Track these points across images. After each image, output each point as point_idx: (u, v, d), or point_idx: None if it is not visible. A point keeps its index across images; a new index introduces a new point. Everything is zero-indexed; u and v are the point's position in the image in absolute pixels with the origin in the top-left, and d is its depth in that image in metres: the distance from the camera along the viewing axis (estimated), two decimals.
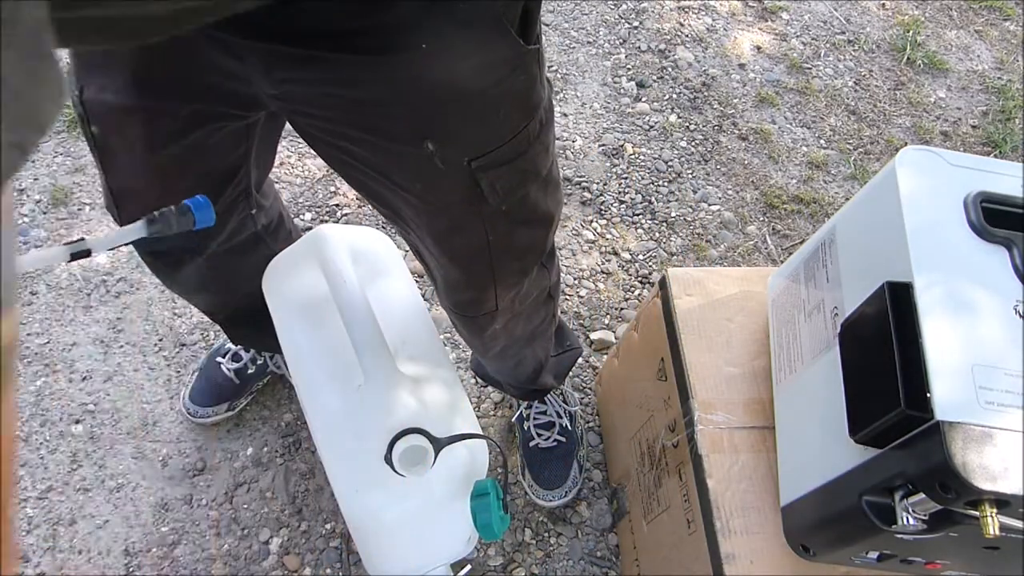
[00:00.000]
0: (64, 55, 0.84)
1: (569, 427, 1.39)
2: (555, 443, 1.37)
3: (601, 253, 1.71)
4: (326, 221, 1.70)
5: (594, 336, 1.58)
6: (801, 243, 1.48)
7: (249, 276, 1.02)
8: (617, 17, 2.18)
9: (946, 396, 0.66)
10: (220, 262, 1.04)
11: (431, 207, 0.81)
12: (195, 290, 1.17)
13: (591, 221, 1.76)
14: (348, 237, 0.96)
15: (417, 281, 1.06)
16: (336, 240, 0.93)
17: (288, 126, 0.88)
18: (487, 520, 0.82)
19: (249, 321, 1.21)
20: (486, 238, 0.86)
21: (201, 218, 0.71)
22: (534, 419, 1.38)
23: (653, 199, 1.81)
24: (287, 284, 0.97)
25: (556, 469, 1.37)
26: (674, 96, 2.02)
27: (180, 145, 0.83)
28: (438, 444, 0.80)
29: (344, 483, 0.85)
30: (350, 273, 0.89)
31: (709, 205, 1.82)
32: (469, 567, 1.03)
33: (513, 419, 1.43)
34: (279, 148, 1.06)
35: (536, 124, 0.79)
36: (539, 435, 1.37)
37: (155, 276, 1.09)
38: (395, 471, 0.78)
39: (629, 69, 2.06)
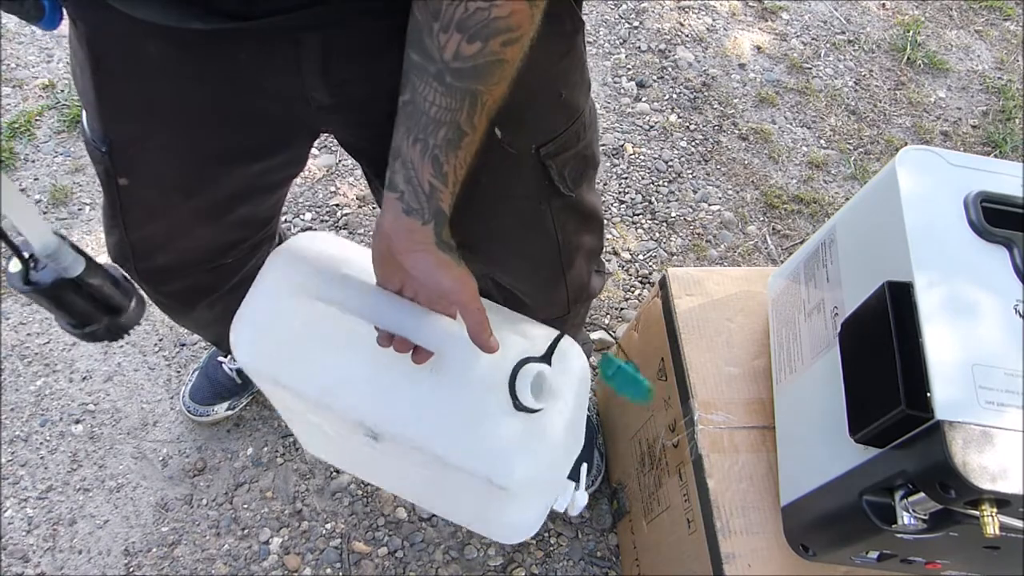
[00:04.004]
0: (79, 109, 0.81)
1: (587, 414, 1.39)
2: None
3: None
4: (326, 221, 1.70)
5: (594, 336, 1.58)
6: (801, 243, 1.48)
7: None
8: (617, 17, 2.18)
9: (946, 396, 0.66)
10: (232, 296, 1.02)
11: (497, 204, 0.77)
12: (207, 325, 1.15)
13: None
14: (305, 247, 0.80)
15: None
16: (294, 258, 0.78)
17: None
18: (636, 382, 0.75)
19: None
20: (556, 238, 0.84)
21: (48, 21, 0.63)
22: None
23: (653, 199, 1.81)
24: (274, 333, 0.78)
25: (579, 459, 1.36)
26: (674, 96, 2.02)
27: (222, 189, 0.81)
28: (546, 359, 0.73)
29: (490, 468, 0.73)
30: (342, 277, 0.75)
31: (709, 205, 1.82)
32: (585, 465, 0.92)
33: None
34: None
35: (588, 108, 0.78)
36: None
37: (167, 316, 1.08)
38: (530, 410, 0.71)
39: (629, 69, 2.06)
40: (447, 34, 0.53)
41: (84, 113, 0.78)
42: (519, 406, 0.70)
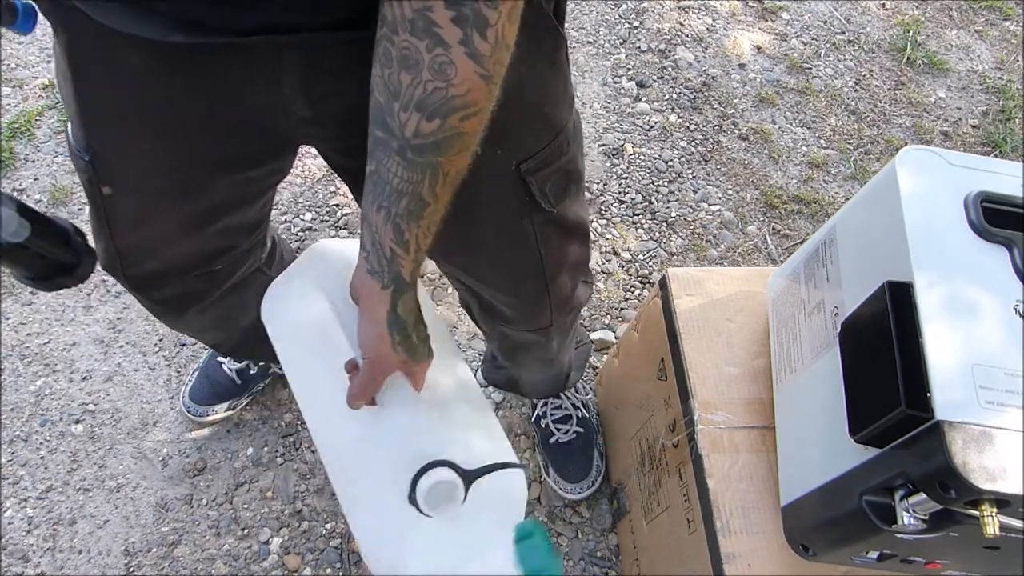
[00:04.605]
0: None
1: (585, 415, 1.39)
2: (574, 435, 1.38)
3: (601, 253, 1.71)
4: (326, 221, 1.70)
5: (594, 336, 1.58)
6: (801, 243, 1.48)
7: (249, 308, 1.01)
8: (617, 17, 2.17)
9: (946, 396, 0.66)
10: (224, 302, 1.03)
11: (477, 221, 0.78)
12: (202, 330, 1.16)
13: (591, 221, 1.76)
14: (347, 252, 0.86)
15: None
16: (334, 257, 0.84)
17: None
18: (542, 563, 0.69)
19: (254, 346, 1.21)
20: (539, 252, 0.84)
21: (22, 24, 0.65)
22: (551, 415, 1.39)
23: (653, 199, 1.81)
24: (287, 310, 0.86)
25: (579, 461, 1.37)
26: (674, 96, 2.02)
27: (207, 197, 0.81)
28: (468, 477, 0.70)
29: (366, 531, 0.74)
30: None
31: (709, 205, 1.82)
32: None
33: (531, 420, 1.43)
34: None
35: (571, 122, 0.78)
36: (558, 430, 1.38)
37: (161, 321, 1.08)
38: (421, 512, 0.69)
39: (629, 69, 2.06)
40: (407, 113, 0.54)
41: (69, 122, 0.78)
42: (411, 499, 0.69)
